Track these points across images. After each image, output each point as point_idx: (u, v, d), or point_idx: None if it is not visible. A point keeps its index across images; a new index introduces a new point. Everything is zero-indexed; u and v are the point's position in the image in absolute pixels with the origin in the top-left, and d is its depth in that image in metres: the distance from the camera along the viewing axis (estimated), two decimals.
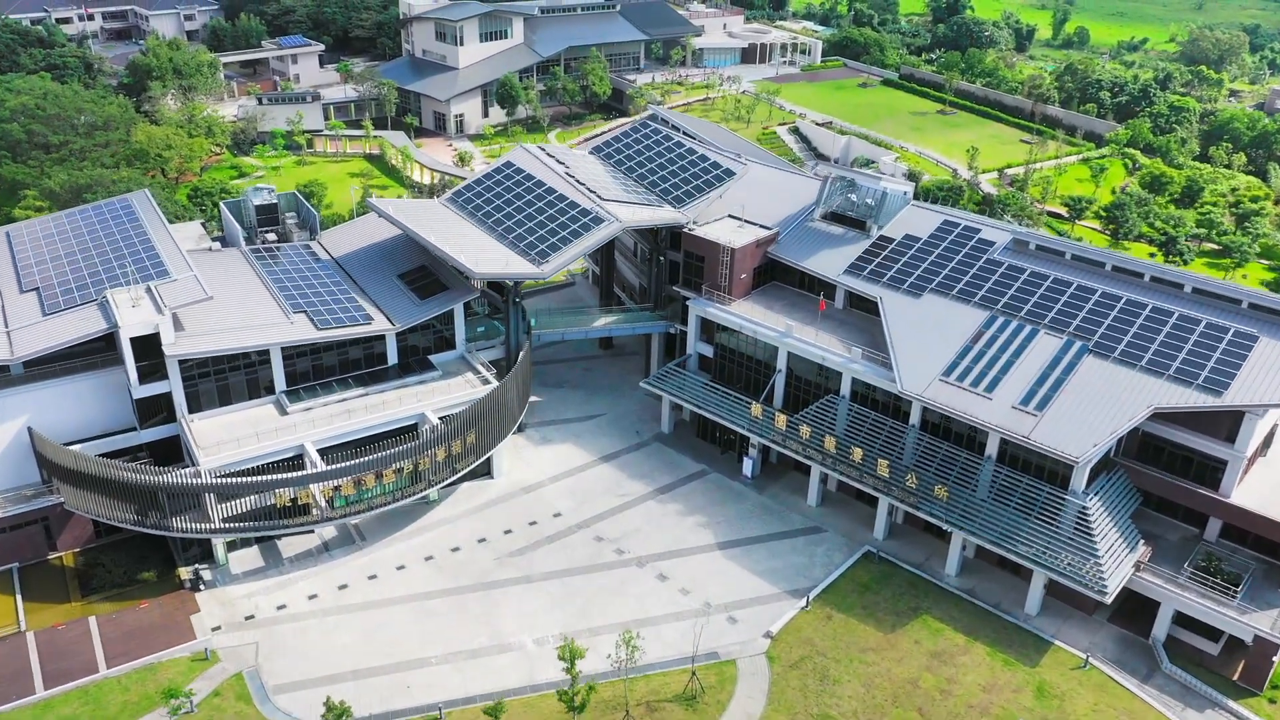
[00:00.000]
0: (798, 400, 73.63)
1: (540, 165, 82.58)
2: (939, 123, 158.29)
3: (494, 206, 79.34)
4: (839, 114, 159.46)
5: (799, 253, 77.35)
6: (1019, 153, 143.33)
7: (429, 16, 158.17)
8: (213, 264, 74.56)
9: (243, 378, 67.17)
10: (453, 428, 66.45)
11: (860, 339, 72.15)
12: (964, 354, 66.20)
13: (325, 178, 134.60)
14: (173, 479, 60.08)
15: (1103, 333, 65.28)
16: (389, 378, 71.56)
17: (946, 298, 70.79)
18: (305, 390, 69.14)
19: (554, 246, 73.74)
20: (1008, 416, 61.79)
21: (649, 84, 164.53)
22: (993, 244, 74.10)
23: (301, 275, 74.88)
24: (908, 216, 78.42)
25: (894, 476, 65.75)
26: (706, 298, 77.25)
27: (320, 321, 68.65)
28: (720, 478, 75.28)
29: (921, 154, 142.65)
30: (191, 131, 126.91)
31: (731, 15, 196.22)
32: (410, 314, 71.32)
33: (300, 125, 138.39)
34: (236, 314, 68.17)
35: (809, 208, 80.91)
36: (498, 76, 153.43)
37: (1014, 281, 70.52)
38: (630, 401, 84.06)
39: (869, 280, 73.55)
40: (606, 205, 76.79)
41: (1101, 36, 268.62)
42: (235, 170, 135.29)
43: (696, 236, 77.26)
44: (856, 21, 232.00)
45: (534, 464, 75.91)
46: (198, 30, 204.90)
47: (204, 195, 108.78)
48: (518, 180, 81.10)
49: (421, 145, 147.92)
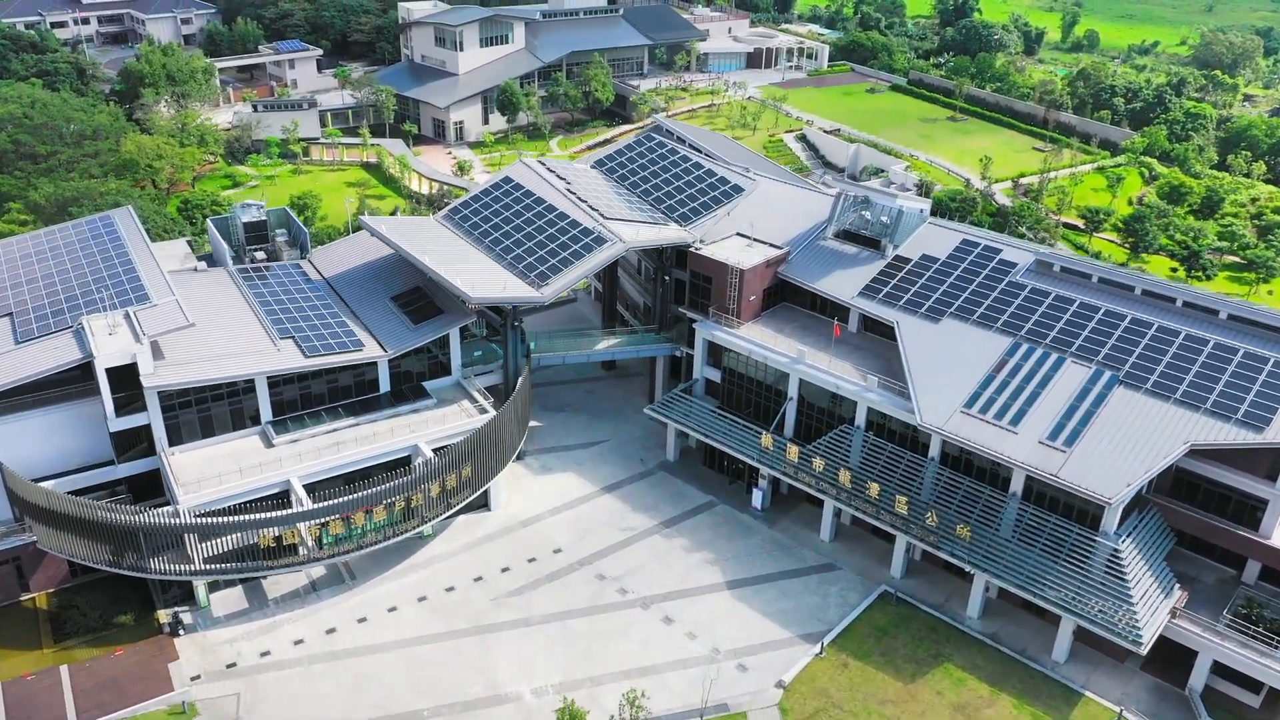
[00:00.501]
0: (810, 429, 70.18)
1: (540, 180, 79.17)
2: (949, 129, 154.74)
3: (492, 225, 75.92)
4: (847, 120, 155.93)
5: (811, 273, 73.91)
6: (1032, 161, 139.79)
7: (428, 21, 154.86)
8: (197, 286, 71.24)
9: (226, 408, 63.79)
10: (448, 461, 63.08)
11: (876, 365, 68.69)
12: (986, 384, 62.70)
13: (321, 187, 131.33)
14: (150, 519, 56.75)
15: (1133, 362, 61.75)
16: (381, 406, 68.17)
17: (967, 323, 67.28)
18: (292, 420, 65.76)
19: (554, 268, 70.32)
20: (1034, 453, 58.28)
21: (653, 90, 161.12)
22: (1015, 265, 70.61)
23: (290, 297, 71.52)
24: (925, 235, 74.94)
25: (913, 513, 62.26)
26: (714, 320, 73.82)
27: (309, 348, 65.29)
28: (728, 509, 71.85)
29: (932, 162, 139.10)
30: (184, 141, 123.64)
31: (736, 19, 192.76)
32: (403, 339, 67.95)
33: (295, 133, 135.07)
34: (220, 340, 64.80)
35: (821, 225, 77.46)
36: (498, 83, 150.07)
37: (1038, 306, 67.01)
38: (634, 426, 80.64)
39: (885, 303, 70.08)
40: (609, 224, 73.35)
41: (1111, 39, 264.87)
42: (229, 180, 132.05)
43: (703, 256, 73.84)
44: (863, 25, 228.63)
45: (534, 495, 72.51)
46: (195, 34, 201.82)
47: (194, 208, 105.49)
48: (517, 197, 77.70)
49: (420, 153, 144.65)
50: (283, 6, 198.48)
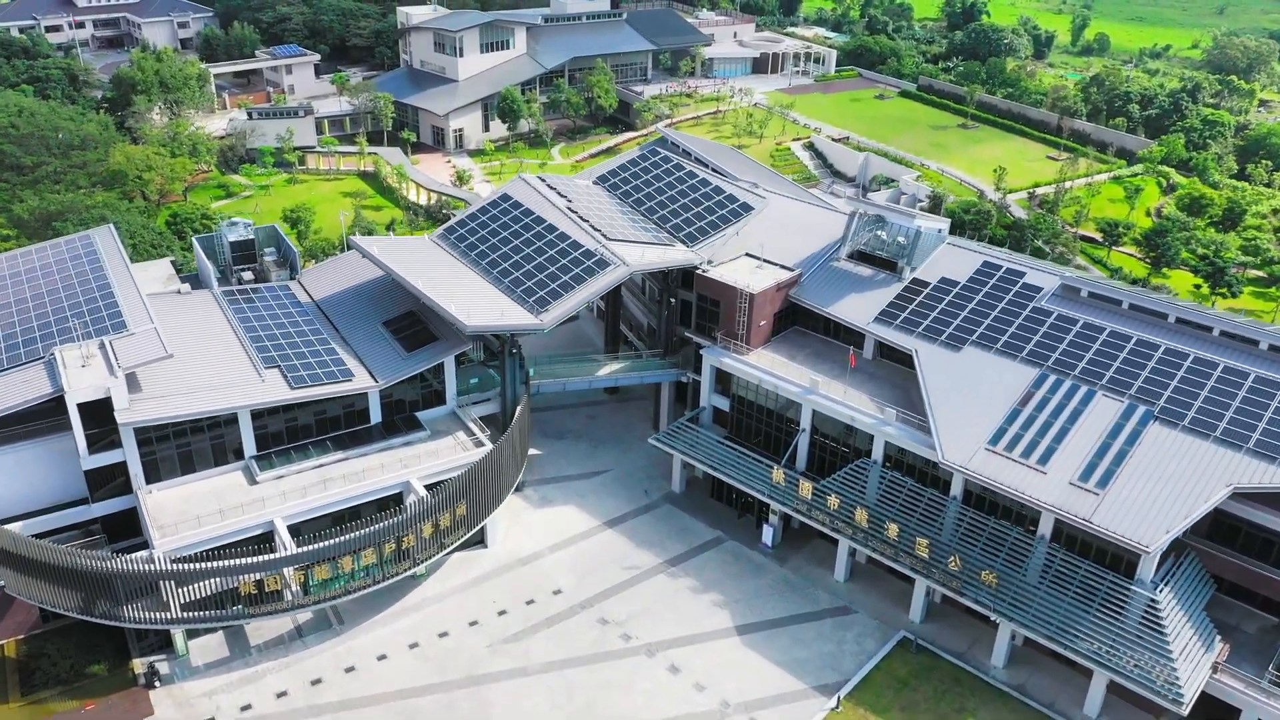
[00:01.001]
0: (824, 463, 66.62)
1: (540, 199, 75.67)
2: (960, 137, 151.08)
3: (489, 245, 72.42)
4: (855, 128, 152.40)
5: (824, 297, 70.36)
6: (1046, 170, 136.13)
7: (427, 27, 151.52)
8: (179, 310, 67.82)
9: (207, 442, 60.32)
10: (441, 500, 59.59)
11: (893, 396, 65.13)
12: (1012, 419, 59.10)
13: (317, 198, 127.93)
14: (123, 566, 53.27)
15: (1169, 396, 58.13)
16: (371, 439, 64.67)
17: (990, 352, 63.68)
18: (278, 455, 62.25)
19: (555, 293, 66.81)
20: (1065, 495, 54.68)
21: (656, 96, 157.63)
22: (1039, 290, 67.01)
23: (277, 322, 68.06)
24: (943, 257, 71.39)
25: (934, 557, 58.66)
26: (722, 346, 70.29)
27: (295, 379, 61.82)
28: (737, 546, 68.30)
29: (944, 172, 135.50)
30: (175, 150, 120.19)
31: (742, 23, 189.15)
32: (396, 368, 64.46)
33: (290, 142, 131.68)
34: (201, 371, 61.34)
35: (834, 245, 73.93)
36: (499, 89, 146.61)
37: (1065, 334, 63.40)
38: (638, 454, 77.10)
39: (902, 330, 66.51)
40: (612, 245, 69.82)
41: (1121, 41, 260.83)
42: (222, 190, 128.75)
43: (711, 279, 70.32)
44: (870, 28, 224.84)
45: (532, 530, 68.99)
46: (192, 38, 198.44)
47: (183, 221, 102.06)
48: (515, 216, 74.20)
49: (418, 162, 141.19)
50: (280, 10, 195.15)
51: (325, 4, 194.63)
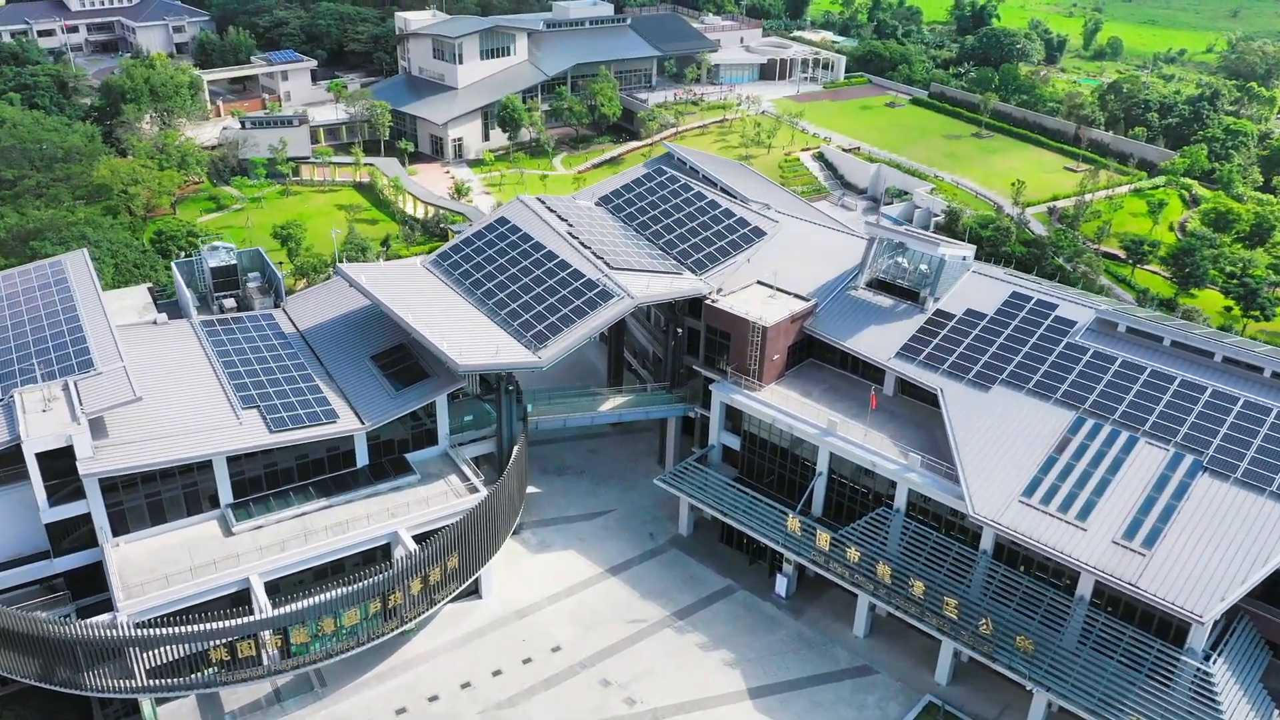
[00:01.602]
0: (842, 509, 62.27)
1: (539, 222, 71.33)
2: (975, 147, 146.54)
3: (485, 273, 68.11)
4: (866, 137, 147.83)
5: (841, 329, 65.98)
6: (1064, 182, 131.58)
7: (426, 33, 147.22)
8: (153, 344, 63.59)
9: (179, 490, 56.05)
10: (432, 553, 55.29)
11: (916, 438, 60.76)
12: (1047, 468, 54.67)
13: (310, 211, 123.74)
14: (83, 632, 49.01)
15: (1219, 445, 53.68)
16: (357, 484, 60.36)
17: (1021, 392, 59.26)
18: (255, 503, 57.96)
19: (554, 327, 62.49)
20: (1109, 555, 50.26)
21: (661, 105, 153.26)
22: (1073, 324, 62.58)
23: (258, 356, 63.80)
24: (969, 287, 67.01)
25: (963, 617, 54.25)
26: (733, 381, 65.94)
27: (275, 421, 57.52)
28: (749, 597, 63.93)
29: (959, 184, 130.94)
30: (163, 163, 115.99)
31: (749, 29, 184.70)
32: (383, 409, 60.12)
33: (283, 153, 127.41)
34: (174, 413, 57.08)
35: (851, 273, 69.57)
36: (499, 97, 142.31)
37: (1102, 373, 58.95)
38: (643, 493, 72.77)
39: (926, 367, 62.11)
40: (616, 275, 65.47)
41: (1134, 44, 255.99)
42: (213, 202, 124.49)
43: (721, 310, 65.95)
44: (879, 33, 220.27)
45: (531, 578, 64.67)
46: (187, 43, 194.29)
47: (168, 239, 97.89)
48: (513, 241, 69.89)
49: (415, 172, 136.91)
50: (277, 14, 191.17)
51: (323, 8, 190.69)
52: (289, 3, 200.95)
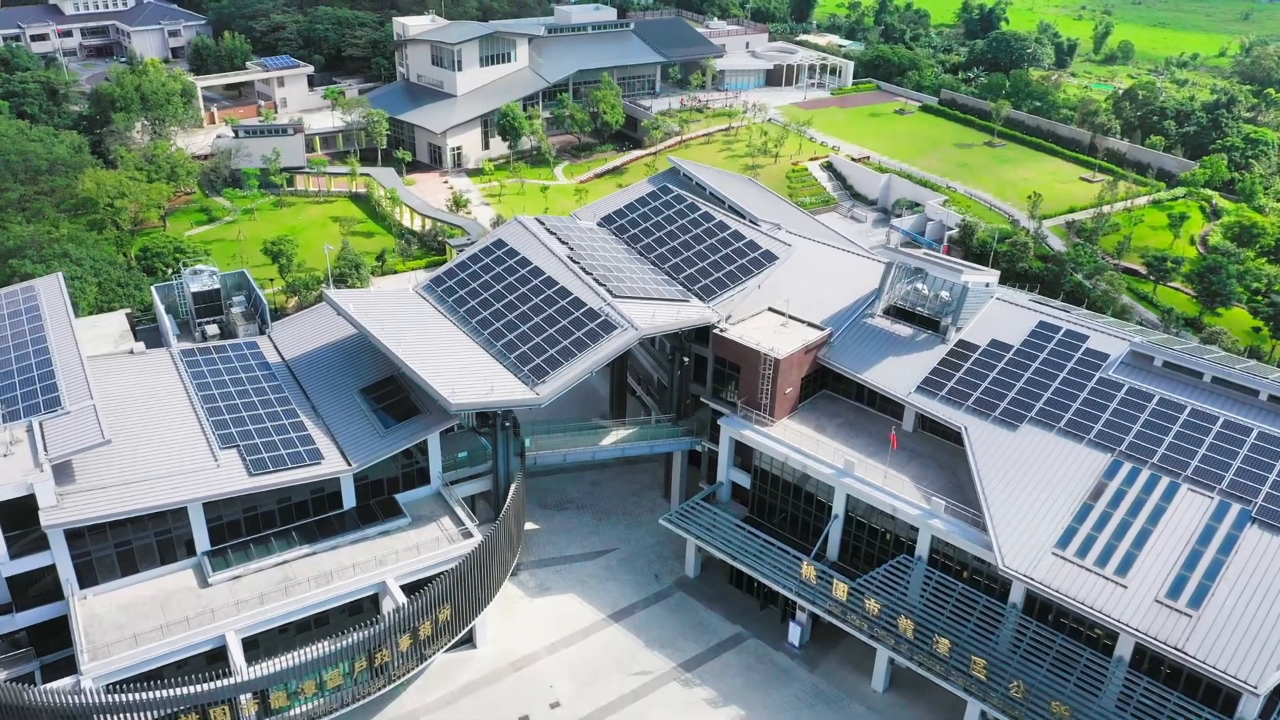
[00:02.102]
0: (860, 554, 58.55)
1: (538, 245, 67.64)
2: (987, 156, 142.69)
3: (480, 301, 64.41)
4: (875, 146, 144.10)
5: (857, 360, 62.26)
6: (1081, 193, 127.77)
7: (424, 39, 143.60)
8: (128, 377, 59.95)
9: (152, 538, 52.39)
10: (422, 605, 51.65)
11: (939, 479, 57.05)
12: (1083, 516, 50.91)
13: (304, 223, 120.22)
14: (43, 698, 45.36)
15: (1268, 493, 49.91)
16: (344, 528, 56.66)
17: (1052, 432, 55.51)
18: (234, 550, 54.27)
19: (553, 361, 58.75)
20: (1151, 615, 46.52)
21: (665, 112, 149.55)
22: (1105, 357, 58.81)
23: (240, 390, 60.14)
24: (993, 315, 63.26)
25: (992, 678, 50.51)
26: (742, 415, 62.24)
27: (255, 463, 53.87)
28: (760, 645, 60.21)
29: (972, 195, 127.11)
30: (152, 174, 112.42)
31: (755, 33, 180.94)
32: (372, 448, 56.42)
33: (277, 163, 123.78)
34: (147, 454, 53.45)
35: (868, 299, 65.85)
36: (499, 105, 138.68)
37: (1139, 412, 55.18)
38: (647, 530, 69.09)
39: (949, 403, 58.36)
40: (619, 304, 61.73)
41: (1144, 47, 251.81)
42: (205, 214, 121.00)
43: (730, 340, 62.24)
44: (887, 36, 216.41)
45: (528, 625, 60.99)
46: (183, 47, 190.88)
47: (153, 256, 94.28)
48: (510, 266, 66.18)
49: (413, 182, 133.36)
50: (275, 19, 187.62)
51: (320, 13, 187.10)
52: (286, 7, 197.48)
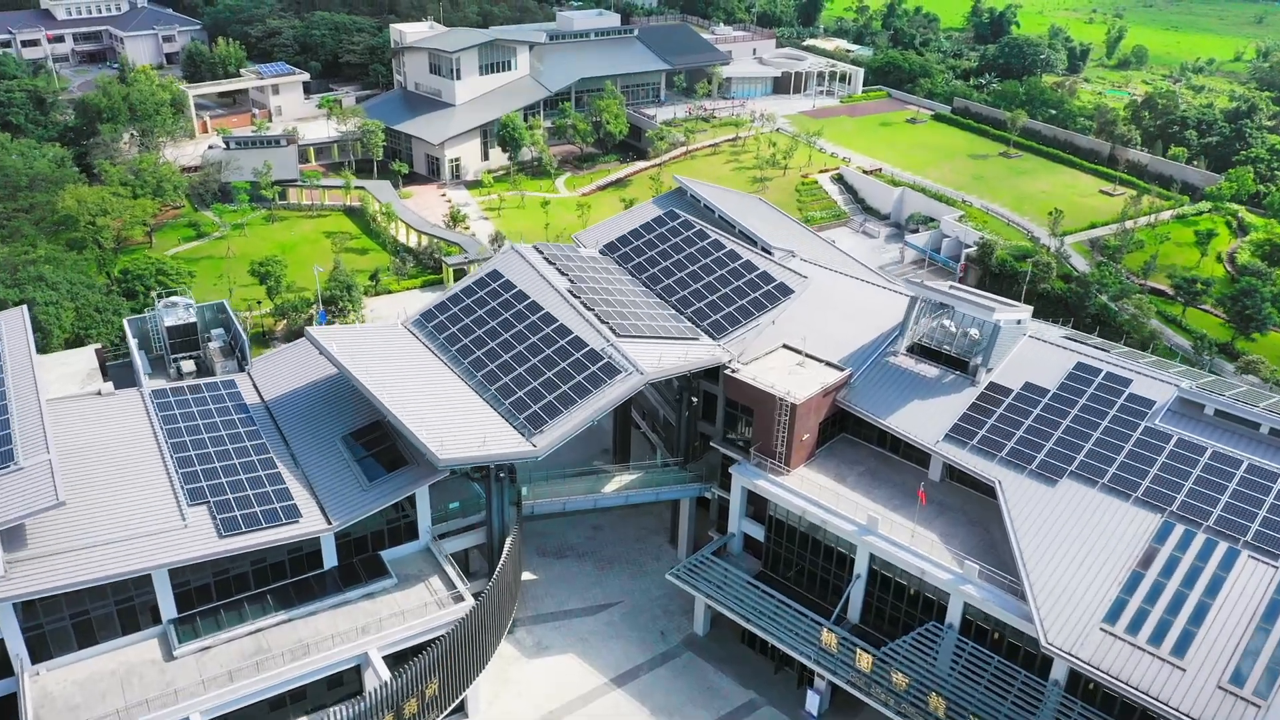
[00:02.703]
0: (885, 617, 53.98)
1: (536, 277, 63.13)
2: (1003, 168, 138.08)
3: (474, 338, 59.93)
4: (887, 157, 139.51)
5: (880, 403, 57.70)
6: (1101, 207, 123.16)
7: (422, 47, 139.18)
8: (93, 423, 55.53)
9: (112, 607, 47.98)
10: (407, 681, 47.19)
11: (970, 536, 52.51)
12: (1133, 586, 46.35)
13: (296, 239, 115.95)
14: None
15: None
16: (324, 590, 52.17)
17: (1095, 488, 50.92)
18: (203, 617, 49.79)
19: (552, 409, 54.25)
20: (1215, 704, 41.93)
21: (670, 122, 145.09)
22: (1151, 404, 54.21)
23: (214, 436, 55.70)
24: (1026, 354, 58.68)
25: None
26: (755, 463, 57.72)
27: (226, 523, 49.43)
28: (775, 715, 55.62)
29: (988, 210, 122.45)
30: (137, 190, 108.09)
31: (762, 39, 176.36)
32: (355, 504, 51.94)
33: (268, 176, 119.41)
34: (109, 513, 49.02)
35: (890, 335, 61.31)
36: (499, 115, 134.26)
37: (1190, 467, 50.60)
38: (653, 580, 64.57)
39: (981, 454, 53.79)
40: (623, 345, 57.21)
41: (1158, 51, 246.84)
42: (193, 229, 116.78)
43: (743, 382, 57.69)
44: (896, 41, 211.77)
45: (524, 691, 56.48)
46: (178, 53, 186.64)
47: (134, 278, 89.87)
48: (506, 301, 61.69)
49: (410, 195, 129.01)
50: (270, 24, 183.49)
51: (317, 18, 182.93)
52: (283, 12, 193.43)
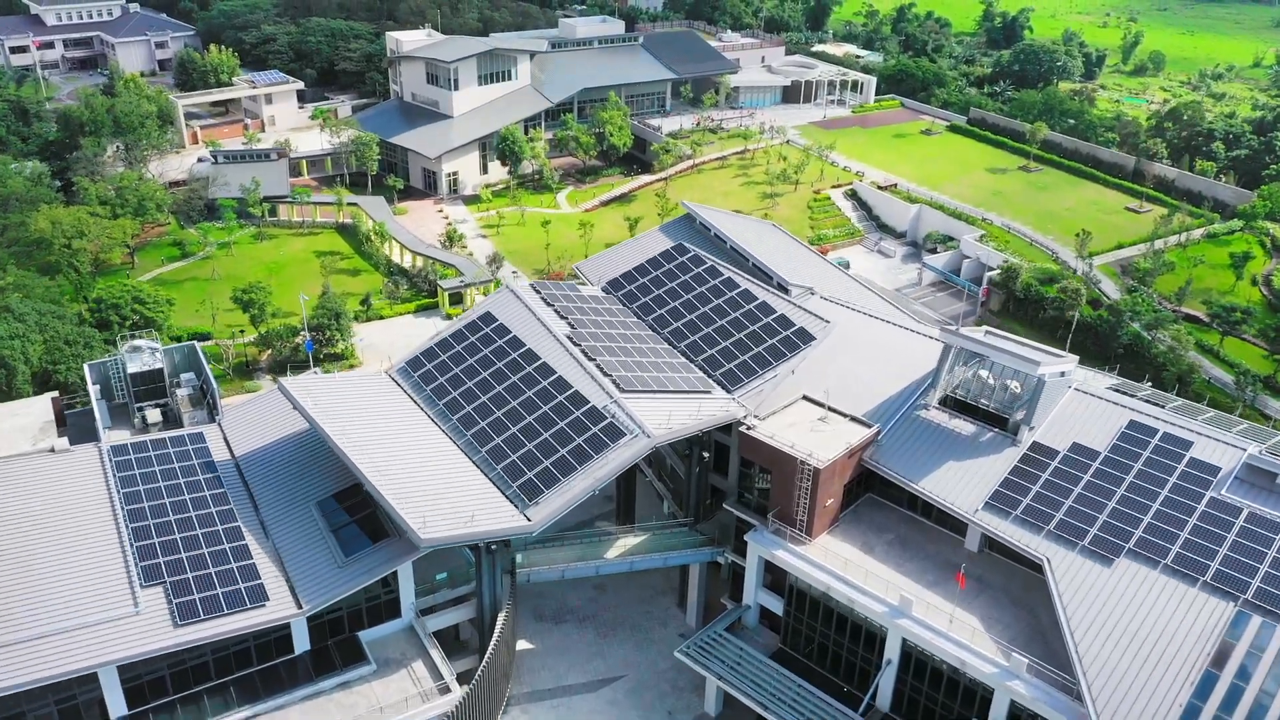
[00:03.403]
0: (917, 708, 48.53)
1: (532, 321, 57.71)
2: (1023, 183, 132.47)
3: (463, 391, 54.57)
4: (902, 171, 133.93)
5: (911, 464, 52.28)
6: (1127, 225, 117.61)
7: (419, 56, 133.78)
8: (42, 486, 50.26)
9: (53, 708, 42.71)
10: None
11: (1016, 619, 47.08)
12: (1206, 690, 40.89)
13: (285, 259, 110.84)
14: None
15: None
16: (295, 679, 46.86)
17: (1156, 569, 45.48)
18: (157, 713, 44.52)
19: (548, 476, 48.90)
20: None
21: (676, 134, 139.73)
22: (1215, 471, 48.74)
23: (177, 500, 50.44)
24: (1072, 411, 53.20)
25: None
26: (774, 530, 52.32)
27: (183, 608, 44.18)
28: None
29: (1009, 229, 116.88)
30: (116, 209, 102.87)
31: (771, 47, 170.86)
32: (329, 584, 46.65)
33: (256, 193, 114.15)
34: (51, 597, 43.76)
35: (921, 385, 55.88)
36: (498, 127, 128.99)
37: (1265, 546, 45.11)
38: (659, 651, 59.13)
39: (1026, 525, 48.35)
40: (628, 402, 51.79)
41: (1173, 54, 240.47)
42: (178, 249, 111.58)
43: (760, 442, 52.27)
44: (907, 47, 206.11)
45: None
46: (171, 59, 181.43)
47: (109, 308, 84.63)
48: (500, 348, 56.31)
49: (405, 211, 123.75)
50: (265, 30, 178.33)
51: (313, 24, 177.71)
52: (278, 18, 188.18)
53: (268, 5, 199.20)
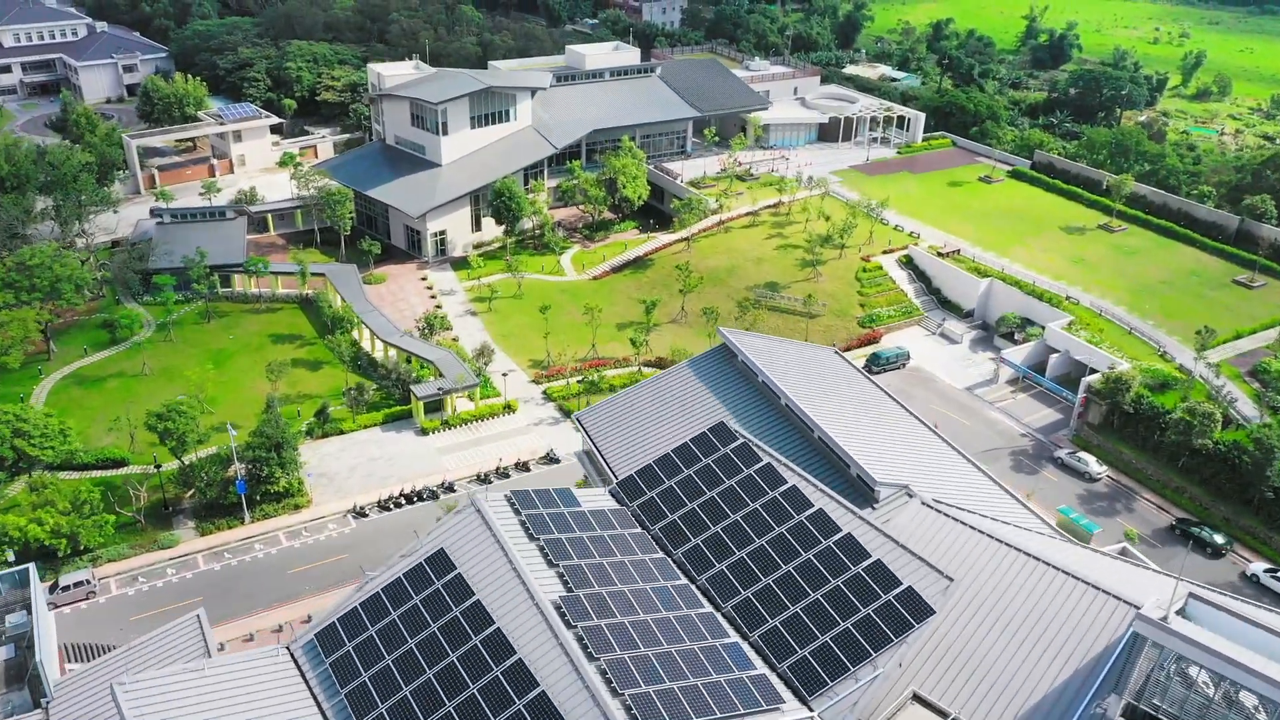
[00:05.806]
0: None
1: (506, 575, 38.41)
2: (1107, 247, 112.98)
3: (395, 704, 35.59)
4: (963, 231, 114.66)
5: None
6: (1238, 305, 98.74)
7: (403, 95, 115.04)
8: None
9: None
10: None
11: None
12: None
13: (234, 345, 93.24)
14: None
15: None
16: None
17: None
18: None
19: None
20: None
21: (698, 181, 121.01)
22: None
23: None
24: None
25: None
26: None
27: None
28: None
29: (1100, 311, 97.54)
30: (22, 293, 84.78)
31: (805, 76, 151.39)
32: None
33: (202, 265, 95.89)
34: None
35: (1089, 679, 36.83)
36: (493, 180, 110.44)
37: None
38: None
39: None
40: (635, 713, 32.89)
41: (1231, 71, 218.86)
42: (108, 331, 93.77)
43: None
44: (950, 69, 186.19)
45: None
46: (138, 84, 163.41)
47: None
48: (453, 623, 36.92)
49: (383, 279, 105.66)
50: (243, 53, 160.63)
51: (294, 48, 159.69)
52: (258, 39, 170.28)
53: (247, 25, 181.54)
